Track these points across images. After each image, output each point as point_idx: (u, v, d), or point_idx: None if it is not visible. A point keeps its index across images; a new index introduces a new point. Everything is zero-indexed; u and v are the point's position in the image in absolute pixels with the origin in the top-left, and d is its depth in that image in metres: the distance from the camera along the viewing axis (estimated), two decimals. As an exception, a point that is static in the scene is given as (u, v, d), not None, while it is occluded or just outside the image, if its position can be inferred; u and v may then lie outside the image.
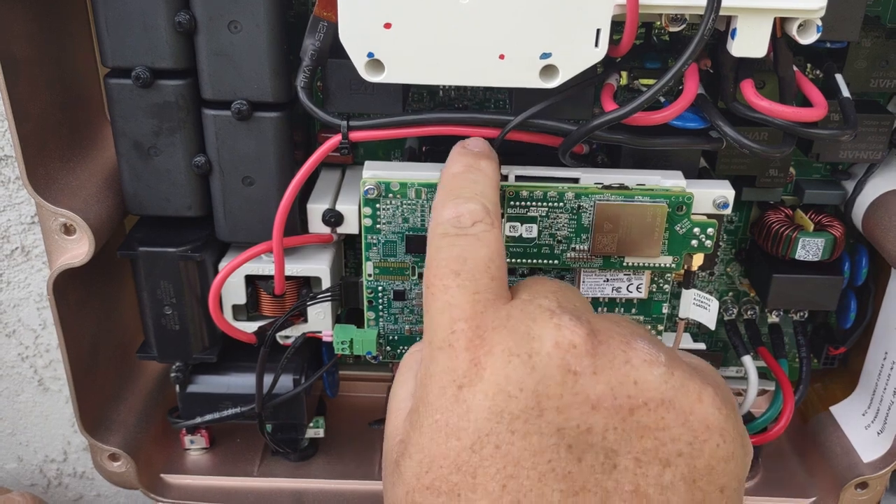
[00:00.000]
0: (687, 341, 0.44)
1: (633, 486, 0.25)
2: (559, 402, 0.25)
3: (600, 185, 0.38)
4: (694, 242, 0.39)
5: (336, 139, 0.37)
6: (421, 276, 0.41)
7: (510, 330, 0.27)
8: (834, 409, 0.50)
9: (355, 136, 0.37)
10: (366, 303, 0.42)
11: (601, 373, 0.26)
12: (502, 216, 0.39)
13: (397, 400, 0.30)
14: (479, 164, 0.34)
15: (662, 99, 0.37)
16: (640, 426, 0.25)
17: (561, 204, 0.38)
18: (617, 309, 0.42)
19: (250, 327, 0.43)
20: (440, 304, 0.28)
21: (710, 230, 0.39)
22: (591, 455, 0.25)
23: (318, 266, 0.42)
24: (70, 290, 0.41)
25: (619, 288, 0.41)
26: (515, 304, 0.28)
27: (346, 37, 0.33)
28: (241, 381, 0.45)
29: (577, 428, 0.25)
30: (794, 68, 0.37)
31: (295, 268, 0.42)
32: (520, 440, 0.25)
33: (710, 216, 0.39)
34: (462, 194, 0.32)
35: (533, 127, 0.37)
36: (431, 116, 0.37)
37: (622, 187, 0.38)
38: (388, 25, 0.33)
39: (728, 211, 0.39)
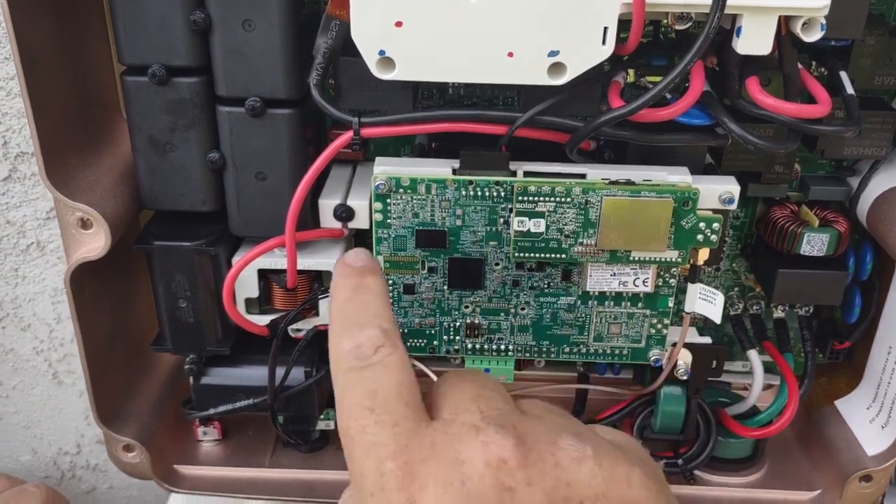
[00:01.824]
0: (693, 335, 0.45)
1: None
2: None
3: (607, 181, 0.39)
4: (700, 237, 0.40)
5: (347, 136, 0.38)
6: (430, 269, 0.42)
7: (438, 459, 0.26)
8: (838, 403, 0.50)
9: (366, 132, 0.38)
10: (376, 296, 0.43)
11: (535, 482, 0.26)
12: (511, 211, 0.39)
13: None
14: (365, 282, 0.33)
15: (669, 96, 0.37)
16: None
17: (568, 199, 0.39)
18: (623, 303, 0.43)
19: (263, 320, 0.44)
20: (363, 448, 0.27)
21: (715, 225, 0.39)
22: None
23: (330, 260, 0.43)
24: (86, 283, 0.42)
25: (626, 282, 0.41)
26: (437, 426, 0.28)
27: (357, 35, 0.34)
28: (253, 374, 0.46)
29: None
30: (799, 66, 0.37)
31: (307, 262, 0.43)
32: None
33: (715, 211, 0.40)
34: (357, 321, 0.31)
35: (541, 124, 0.38)
36: (441, 113, 0.38)
37: (629, 183, 0.39)
38: (399, 24, 0.34)
39: (733, 206, 0.40)
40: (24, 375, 0.61)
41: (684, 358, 0.44)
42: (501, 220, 0.40)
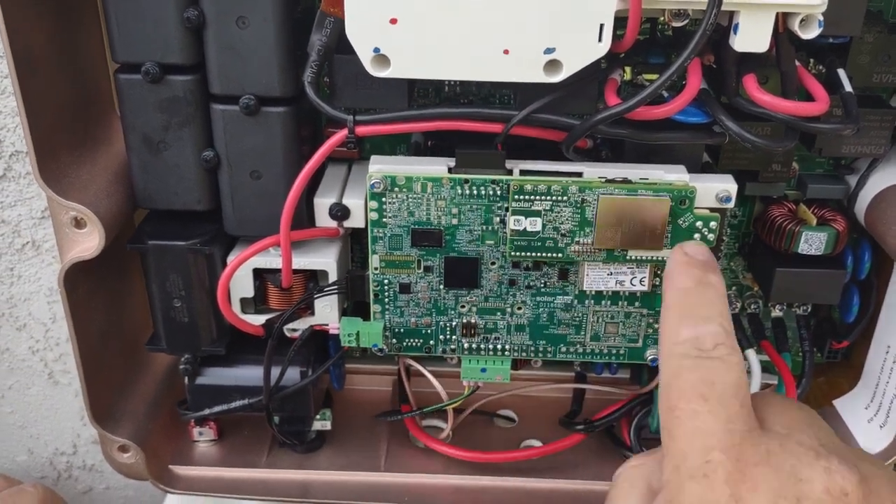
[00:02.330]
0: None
1: None
2: None
3: (604, 180, 0.39)
4: (697, 236, 0.39)
5: (342, 134, 0.38)
6: (426, 269, 0.41)
7: (774, 468, 0.25)
8: (837, 403, 0.50)
9: (361, 130, 0.38)
10: (372, 296, 0.43)
11: None
12: (507, 210, 0.39)
13: None
14: (709, 278, 0.32)
15: (666, 94, 0.37)
16: None
17: (565, 198, 0.39)
18: (620, 302, 0.42)
19: (258, 320, 0.44)
20: (688, 429, 0.27)
21: (712, 224, 0.39)
22: None
23: (325, 259, 0.43)
24: (80, 282, 0.42)
25: (623, 281, 0.41)
26: (772, 437, 0.27)
27: (352, 32, 0.34)
28: (249, 374, 0.46)
29: None
30: (797, 63, 0.37)
31: (302, 261, 0.42)
32: None
33: (712, 210, 0.40)
34: (698, 313, 0.30)
35: (537, 121, 0.38)
36: (437, 111, 0.38)
37: (625, 181, 0.39)
38: (393, 21, 0.33)
39: (731, 205, 0.40)
40: (20, 375, 0.61)
41: (682, 357, 0.44)
42: (497, 218, 0.40)
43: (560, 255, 0.40)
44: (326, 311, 0.44)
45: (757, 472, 0.25)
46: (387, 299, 0.43)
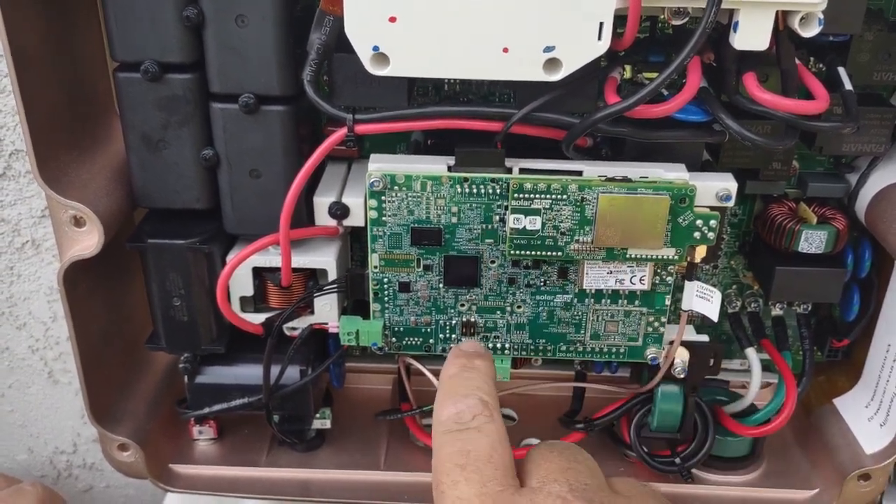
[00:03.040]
0: (690, 333, 0.45)
1: None
2: None
3: (604, 178, 0.39)
4: (696, 234, 0.39)
5: (342, 132, 0.38)
6: (426, 267, 0.41)
7: None
8: (837, 402, 0.50)
9: (361, 129, 0.38)
10: (371, 294, 0.43)
11: None
12: (507, 209, 0.39)
13: None
14: (473, 363, 0.36)
15: (665, 92, 0.37)
16: None
17: (564, 196, 0.39)
18: (620, 301, 0.42)
19: (258, 319, 0.44)
20: (450, 502, 0.29)
21: (712, 222, 0.39)
22: None
23: (325, 258, 0.43)
24: (80, 281, 0.42)
25: (622, 280, 0.41)
26: (524, 493, 0.29)
27: (351, 30, 0.34)
28: (248, 372, 0.46)
29: None
30: (797, 61, 0.37)
31: (301, 260, 0.42)
32: None
33: (713, 208, 0.39)
34: (459, 392, 0.34)
35: (537, 120, 0.38)
36: (436, 109, 0.38)
37: (625, 180, 0.39)
38: (393, 19, 0.33)
39: (731, 203, 0.40)
40: (20, 374, 0.61)
41: (681, 356, 0.44)
42: (497, 217, 0.40)
43: (560, 253, 0.40)
44: (326, 310, 0.44)
45: None
46: (386, 298, 0.43)
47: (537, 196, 0.39)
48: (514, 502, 0.28)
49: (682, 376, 0.44)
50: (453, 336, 0.43)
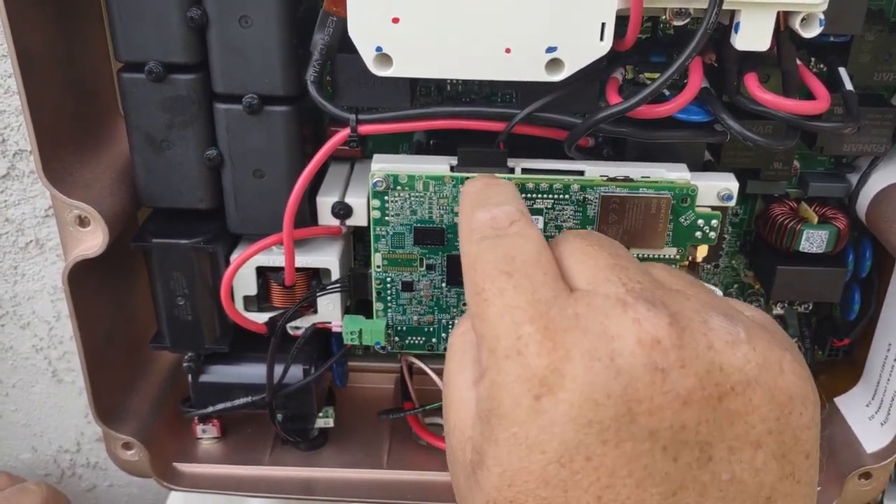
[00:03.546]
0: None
1: (730, 474, 0.24)
2: (650, 405, 0.24)
3: (605, 178, 0.39)
4: (698, 234, 0.39)
5: (345, 133, 0.38)
6: (429, 267, 0.42)
7: (583, 331, 0.25)
8: (838, 401, 0.50)
9: (364, 129, 0.38)
10: (374, 294, 0.43)
11: (688, 365, 0.24)
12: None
13: (457, 389, 0.28)
14: (496, 180, 0.33)
15: (667, 92, 0.37)
16: (729, 413, 0.24)
17: (566, 196, 0.39)
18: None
19: (261, 318, 0.44)
20: (497, 309, 0.26)
21: (714, 222, 0.39)
22: (687, 452, 0.24)
23: (328, 258, 0.43)
24: (84, 280, 0.42)
25: (624, 279, 0.41)
26: (579, 297, 0.26)
27: (354, 31, 0.34)
28: (252, 371, 0.46)
29: (671, 428, 0.24)
30: (798, 62, 0.37)
31: (305, 259, 0.43)
32: (612, 450, 0.23)
33: (714, 208, 0.40)
34: (490, 202, 0.30)
35: (539, 120, 0.38)
36: (439, 110, 0.38)
37: (627, 179, 0.39)
38: (396, 20, 0.34)
39: (732, 203, 0.40)
40: (24, 373, 0.61)
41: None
42: (499, 217, 0.40)
43: (562, 253, 0.40)
44: (329, 309, 0.44)
45: (567, 339, 0.25)
46: (389, 297, 0.43)
47: (539, 196, 0.39)
48: (570, 307, 0.26)
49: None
50: (456, 335, 0.44)
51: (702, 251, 0.40)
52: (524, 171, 0.40)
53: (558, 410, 0.24)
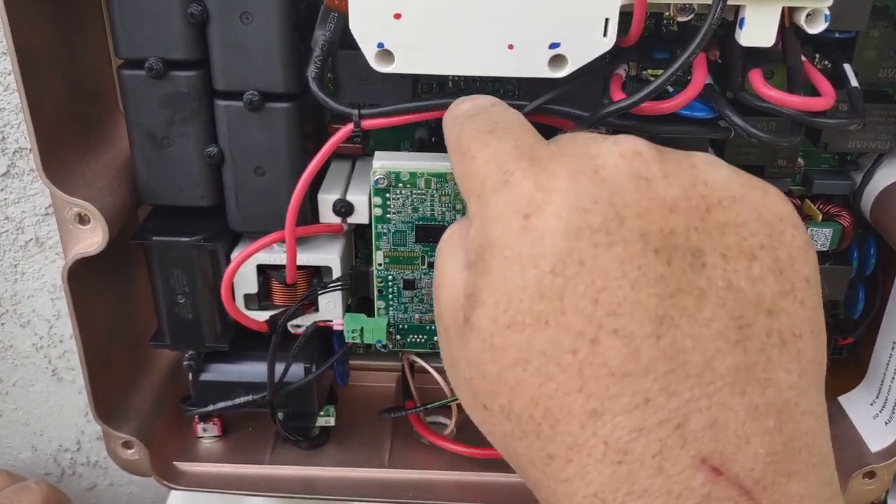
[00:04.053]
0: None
1: (726, 281, 0.24)
2: (638, 209, 0.24)
3: (609, 175, 0.39)
4: (702, 232, 0.39)
5: (348, 128, 0.37)
6: (430, 265, 0.41)
7: (567, 155, 0.26)
8: (842, 399, 0.50)
9: (367, 123, 0.38)
10: (376, 292, 0.42)
11: (671, 176, 0.25)
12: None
13: (447, 276, 0.28)
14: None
15: (671, 89, 0.37)
16: (719, 223, 0.25)
17: (569, 193, 0.38)
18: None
19: (262, 316, 0.44)
20: (482, 158, 0.27)
21: (718, 219, 0.39)
22: (679, 256, 0.24)
23: (329, 256, 0.43)
24: (84, 278, 0.42)
25: (628, 277, 0.41)
26: (561, 137, 0.27)
27: (356, 27, 0.34)
28: (253, 370, 0.46)
29: (661, 231, 0.24)
30: (803, 58, 0.37)
31: (306, 257, 0.42)
32: (604, 252, 0.24)
33: (718, 205, 0.39)
34: (472, 98, 0.32)
35: (546, 111, 0.37)
36: (442, 101, 0.37)
37: (630, 177, 0.38)
38: (397, 16, 0.33)
39: (736, 200, 0.39)
40: (24, 372, 0.61)
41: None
42: (502, 214, 0.40)
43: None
44: (330, 308, 0.44)
45: (552, 162, 0.25)
46: (391, 295, 0.42)
47: (542, 193, 0.38)
48: (552, 144, 0.27)
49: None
50: (458, 333, 0.43)
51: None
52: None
53: (548, 224, 0.24)
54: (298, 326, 0.44)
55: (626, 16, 0.33)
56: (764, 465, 0.23)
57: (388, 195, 0.40)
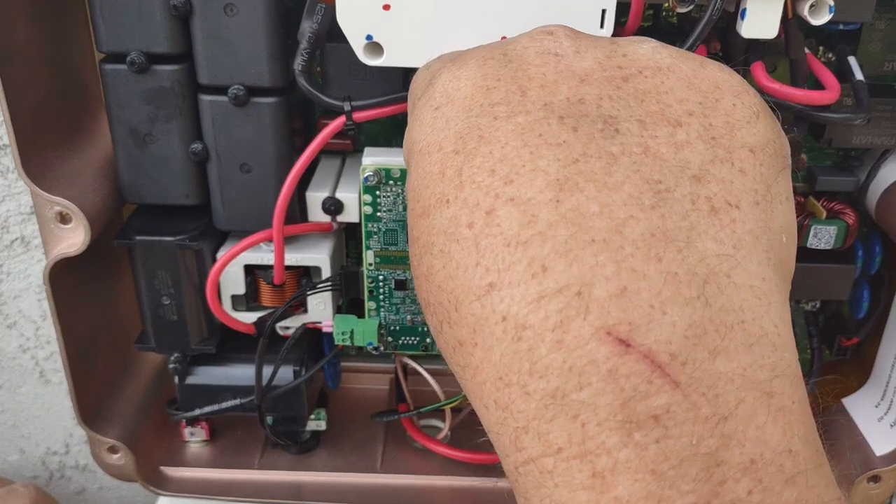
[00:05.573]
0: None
1: (643, 147, 0.23)
2: (543, 81, 0.24)
3: (606, 172, 0.38)
4: (702, 230, 0.38)
5: (339, 121, 0.36)
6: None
7: (485, 48, 0.26)
8: (846, 401, 0.49)
9: (359, 115, 0.37)
10: (367, 293, 0.42)
11: (585, 51, 0.25)
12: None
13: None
14: None
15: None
16: (638, 91, 0.24)
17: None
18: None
19: (250, 318, 0.43)
20: (421, 73, 0.29)
21: (718, 218, 0.38)
22: (587, 123, 0.23)
23: (319, 255, 0.42)
24: (67, 279, 0.41)
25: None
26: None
27: (343, 19, 0.33)
28: (240, 373, 0.45)
29: (567, 100, 0.23)
30: (806, 50, 0.36)
31: (295, 257, 0.41)
32: (504, 124, 0.23)
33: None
34: None
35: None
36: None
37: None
38: (386, 7, 0.32)
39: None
40: (11, 374, 0.60)
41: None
42: (496, 212, 0.39)
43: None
44: (320, 309, 0.43)
45: (467, 54, 0.26)
46: (382, 296, 0.42)
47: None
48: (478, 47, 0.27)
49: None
50: (451, 335, 0.42)
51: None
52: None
53: (453, 108, 0.25)
54: (287, 328, 0.44)
55: (623, 6, 0.32)
56: (683, 338, 0.20)
57: (378, 193, 0.39)
